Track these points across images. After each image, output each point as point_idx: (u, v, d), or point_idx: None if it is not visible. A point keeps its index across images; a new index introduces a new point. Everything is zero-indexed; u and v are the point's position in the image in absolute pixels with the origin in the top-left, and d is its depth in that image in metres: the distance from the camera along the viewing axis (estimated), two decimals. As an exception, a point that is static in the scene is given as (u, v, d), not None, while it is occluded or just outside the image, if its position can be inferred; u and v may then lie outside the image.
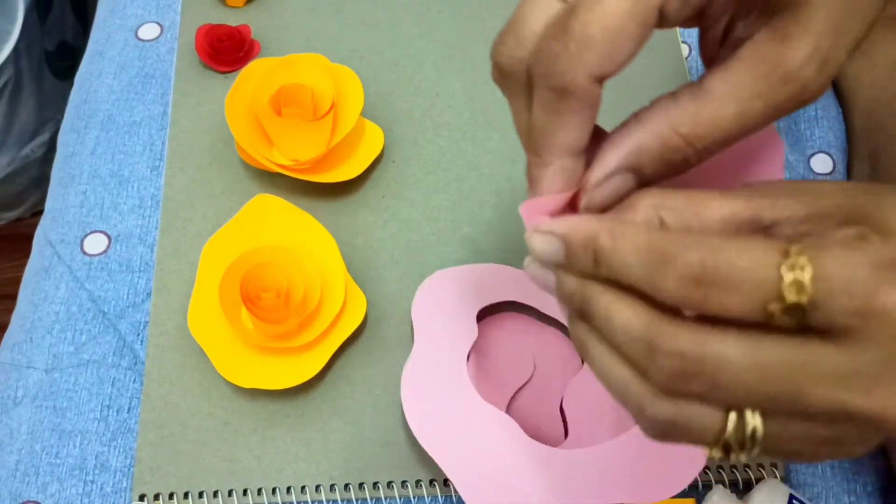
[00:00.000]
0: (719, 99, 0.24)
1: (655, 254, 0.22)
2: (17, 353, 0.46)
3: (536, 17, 0.25)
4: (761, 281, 0.21)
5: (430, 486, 0.42)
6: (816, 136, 0.53)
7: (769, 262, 0.21)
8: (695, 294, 0.22)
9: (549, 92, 0.25)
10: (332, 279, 0.44)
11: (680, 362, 0.22)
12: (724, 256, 0.21)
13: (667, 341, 0.22)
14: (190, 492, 0.42)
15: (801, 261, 0.21)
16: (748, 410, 0.22)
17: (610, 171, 0.25)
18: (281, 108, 0.46)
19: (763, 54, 0.24)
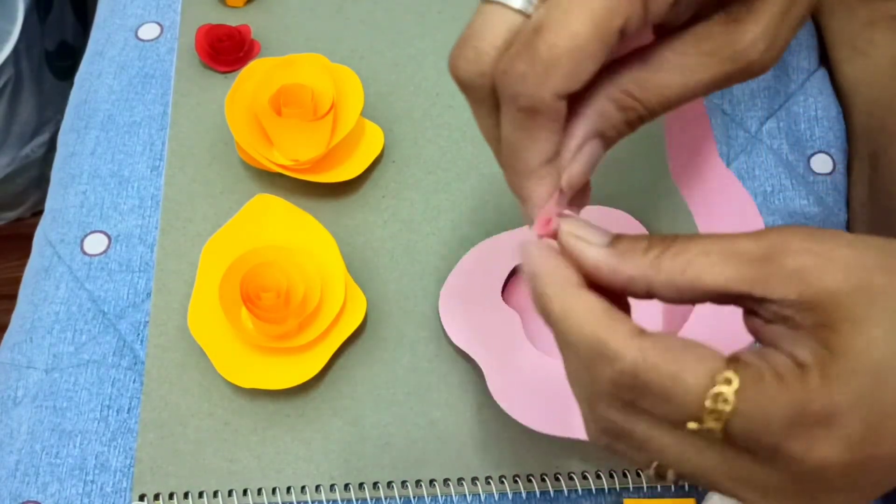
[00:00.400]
0: (666, 67, 0.26)
1: (596, 347, 0.24)
2: (17, 353, 0.46)
3: (493, 30, 0.26)
4: (686, 402, 0.22)
5: (429, 486, 0.42)
6: (816, 136, 0.53)
7: (696, 386, 0.22)
8: (626, 395, 0.24)
9: (519, 112, 0.26)
10: (332, 279, 0.44)
11: (612, 426, 0.25)
12: (656, 371, 0.23)
13: (602, 409, 0.25)
14: (190, 492, 0.42)
15: (728, 391, 0.22)
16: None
17: (580, 140, 0.27)
18: (281, 108, 0.46)
19: (713, 32, 0.26)
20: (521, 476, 0.42)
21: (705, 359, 0.23)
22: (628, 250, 0.25)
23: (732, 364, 0.23)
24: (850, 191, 0.52)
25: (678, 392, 0.22)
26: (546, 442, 0.43)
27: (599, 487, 0.42)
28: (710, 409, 0.22)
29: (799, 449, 0.22)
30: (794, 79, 0.55)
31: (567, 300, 0.25)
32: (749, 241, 0.24)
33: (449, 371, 0.45)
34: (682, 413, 0.23)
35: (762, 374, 0.22)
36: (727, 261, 0.24)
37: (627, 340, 0.23)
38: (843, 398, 0.22)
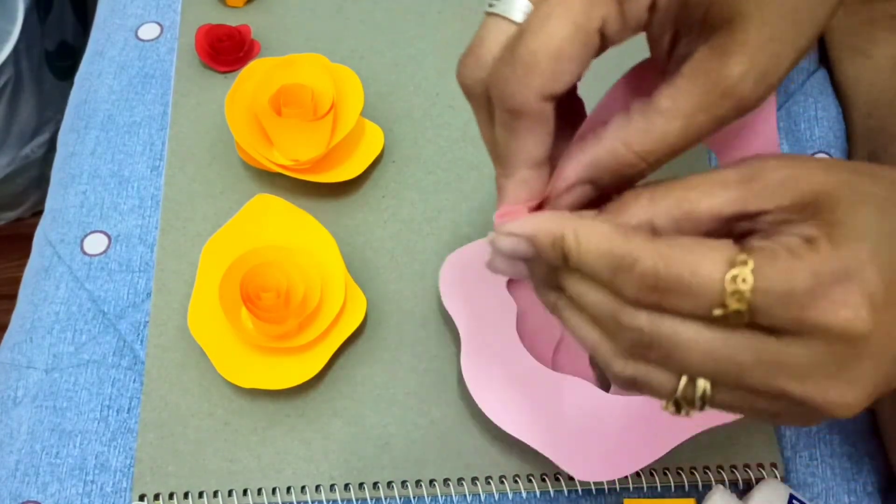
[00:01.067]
0: (666, 115, 0.26)
1: (615, 259, 0.25)
2: (17, 353, 0.46)
3: (493, 40, 0.28)
4: (707, 290, 0.23)
5: (430, 486, 0.42)
6: (816, 136, 0.53)
7: (715, 272, 0.23)
8: (650, 297, 0.24)
9: (505, 113, 0.27)
10: (332, 279, 0.44)
11: (639, 335, 0.25)
12: (675, 266, 0.24)
13: (628, 319, 0.25)
14: (190, 492, 0.42)
15: (744, 272, 0.23)
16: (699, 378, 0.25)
17: (569, 183, 0.28)
18: (281, 108, 0.46)
19: (703, 71, 0.26)
20: (521, 476, 0.42)
21: (719, 248, 0.24)
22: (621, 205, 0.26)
23: (745, 249, 0.23)
24: (851, 191, 0.52)
25: (699, 281, 0.23)
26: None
27: (599, 487, 0.42)
28: (731, 291, 0.23)
29: (824, 313, 0.23)
30: (794, 79, 0.55)
31: (578, 230, 0.25)
32: (730, 170, 0.25)
33: (449, 371, 0.45)
34: (707, 301, 0.23)
35: (775, 252, 0.23)
36: (716, 187, 0.25)
37: (644, 244, 0.24)
38: (856, 254, 0.23)
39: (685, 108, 0.26)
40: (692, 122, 0.26)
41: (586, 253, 0.25)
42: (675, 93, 0.26)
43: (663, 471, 0.43)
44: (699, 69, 0.26)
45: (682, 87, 0.26)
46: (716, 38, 0.26)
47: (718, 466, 0.43)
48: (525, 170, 0.28)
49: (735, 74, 0.25)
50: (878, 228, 0.23)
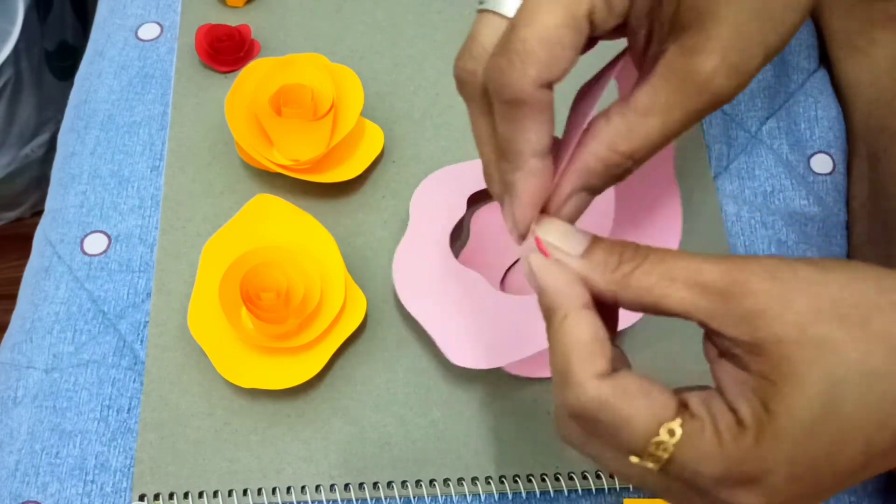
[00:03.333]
0: (644, 113, 0.27)
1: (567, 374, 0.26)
2: (17, 353, 0.46)
3: (486, 35, 0.28)
4: (631, 442, 0.25)
5: (429, 486, 0.42)
6: (816, 136, 0.53)
7: (642, 433, 0.25)
8: (581, 423, 0.26)
9: (504, 104, 0.27)
10: (332, 279, 0.44)
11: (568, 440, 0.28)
12: (611, 412, 0.25)
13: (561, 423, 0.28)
14: (190, 492, 0.42)
15: (668, 442, 0.25)
16: None
17: (566, 195, 0.29)
18: (281, 108, 0.46)
19: (675, 68, 0.26)
20: (521, 476, 0.42)
21: (656, 408, 0.25)
22: (600, 263, 0.27)
23: (681, 412, 0.25)
24: (850, 191, 0.52)
25: (626, 434, 0.25)
26: (546, 442, 0.43)
27: (599, 487, 0.42)
28: (650, 452, 0.25)
29: (725, 498, 0.25)
30: (794, 79, 0.55)
31: (564, 321, 0.26)
32: (713, 272, 0.25)
33: (449, 371, 0.45)
34: (627, 449, 0.25)
35: (703, 429, 0.25)
36: (690, 290, 0.25)
37: (593, 380, 0.25)
38: (773, 459, 0.24)
39: (662, 105, 0.27)
40: (670, 119, 0.27)
41: (554, 344, 0.27)
42: (651, 91, 0.27)
43: (663, 471, 0.43)
44: (671, 67, 0.26)
45: (657, 85, 0.27)
46: (685, 37, 0.26)
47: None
48: (532, 160, 0.28)
49: (707, 69, 0.26)
50: (817, 412, 0.23)
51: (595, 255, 0.27)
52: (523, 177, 0.28)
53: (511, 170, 0.28)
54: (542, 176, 0.28)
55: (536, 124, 0.27)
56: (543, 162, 0.28)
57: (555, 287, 0.27)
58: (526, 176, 0.28)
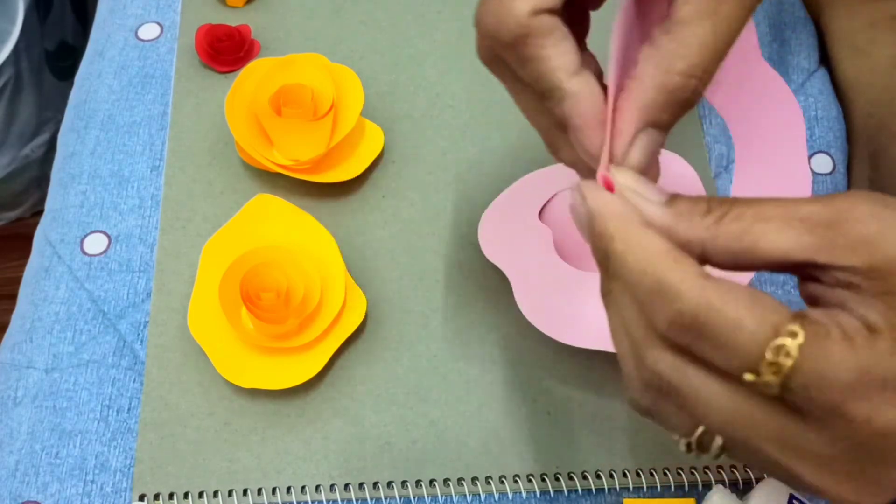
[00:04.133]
0: (689, 22, 0.25)
1: (657, 285, 0.23)
2: (17, 353, 0.46)
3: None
4: (745, 351, 0.22)
5: (430, 486, 0.42)
6: (816, 136, 0.53)
7: (759, 334, 0.21)
8: (681, 337, 0.23)
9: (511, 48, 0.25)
10: (332, 279, 0.44)
11: (658, 380, 0.24)
12: (718, 316, 0.22)
13: (651, 360, 0.24)
14: (190, 492, 0.42)
15: (791, 345, 0.21)
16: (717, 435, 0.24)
17: (630, 136, 0.26)
18: (281, 108, 0.46)
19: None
20: (521, 476, 0.42)
21: (772, 309, 0.22)
22: (686, 212, 0.24)
23: (799, 319, 0.22)
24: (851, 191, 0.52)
25: (739, 339, 0.21)
26: (546, 442, 0.43)
27: (599, 487, 0.42)
28: (770, 360, 0.21)
29: (861, 412, 0.21)
30: (794, 79, 0.55)
31: (630, 237, 0.24)
32: (813, 206, 0.23)
33: (449, 371, 0.45)
34: (741, 362, 0.22)
35: (829, 332, 0.21)
36: (788, 226, 0.23)
37: (692, 280, 0.22)
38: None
39: (707, 6, 0.24)
40: (720, 18, 0.24)
41: (630, 266, 0.23)
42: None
43: (663, 471, 0.43)
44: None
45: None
46: None
47: (718, 466, 0.43)
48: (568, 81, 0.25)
49: None
50: None
51: (679, 204, 0.24)
52: (570, 103, 0.26)
53: (556, 105, 0.26)
54: (588, 92, 0.26)
55: (552, 48, 0.25)
56: (581, 78, 0.26)
57: (609, 208, 0.24)
58: (572, 101, 0.26)
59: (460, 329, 0.46)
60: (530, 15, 0.25)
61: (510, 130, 0.51)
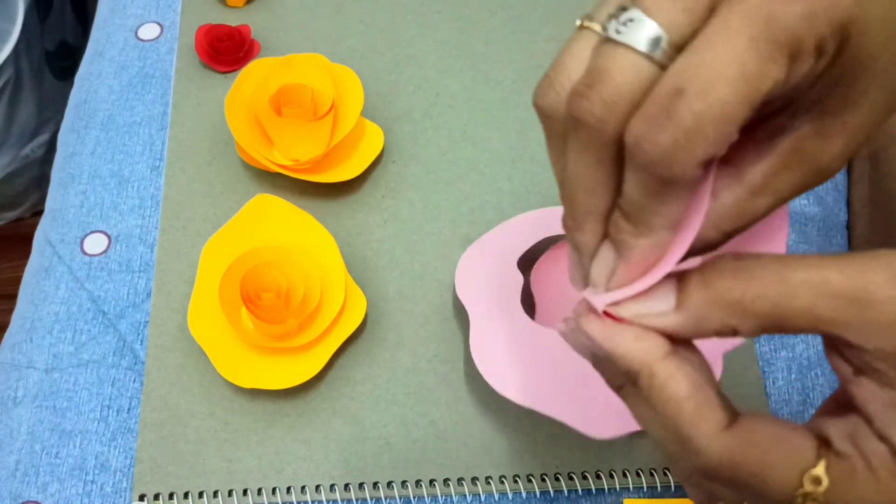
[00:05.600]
0: (756, 193, 0.25)
1: (680, 432, 0.23)
2: (17, 353, 0.46)
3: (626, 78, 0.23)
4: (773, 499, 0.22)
5: (430, 486, 0.42)
6: (816, 136, 0.53)
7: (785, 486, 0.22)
8: (703, 483, 0.23)
9: (654, 180, 0.24)
10: (332, 279, 0.44)
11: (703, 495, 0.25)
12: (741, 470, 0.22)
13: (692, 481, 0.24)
14: (190, 492, 0.42)
15: (818, 492, 0.22)
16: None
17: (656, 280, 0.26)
18: (281, 108, 0.46)
19: (805, 151, 0.24)
20: (521, 476, 0.42)
21: (794, 453, 0.22)
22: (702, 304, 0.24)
23: (823, 453, 0.22)
24: (851, 191, 0.52)
25: (765, 490, 0.22)
26: (546, 442, 0.43)
27: (599, 487, 0.42)
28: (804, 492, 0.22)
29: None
30: (795, 79, 0.55)
31: (653, 379, 0.23)
32: (840, 274, 0.22)
33: (449, 371, 0.45)
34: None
35: (854, 469, 0.22)
36: (815, 295, 0.22)
37: (712, 437, 0.22)
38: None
39: (777, 185, 0.25)
40: (780, 197, 0.25)
41: (655, 405, 0.23)
42: (770, 171, 0.25)
43: (663, 471, 0.43)
44: (801, 149, 0.24)
45: (778, 163, 0.25)
46: (825, 119, 0.24)
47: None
48: (664, 232, 0.24)
49: (833, 155, 0.24)
50: None
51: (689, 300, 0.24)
52: (648, 246, 0.25)
53: (634, 234, 0.25)
54: (663, 248, 0.25)
55: (682, 200, 0.24)
56: (671, 235, 0.25)
57: (626, 346, 0.24)
58: (651, 246, 0.25)
59: (460, 329, 0.46)
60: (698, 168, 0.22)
61: (510, 130, 0.51)
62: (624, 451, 0.43)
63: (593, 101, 0.23)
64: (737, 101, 0.22)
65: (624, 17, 0.23)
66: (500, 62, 0.54)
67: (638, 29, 0.23)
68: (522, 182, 0.50)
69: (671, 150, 0.22)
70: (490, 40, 0.54)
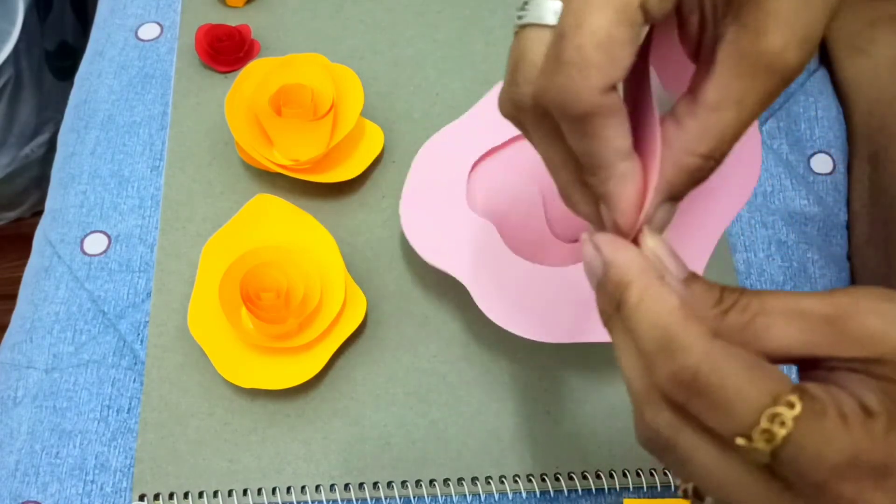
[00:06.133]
0: (716, 108, 0.25)
1: (663, 339, 0.23)
2: (17, 353, 0.46)
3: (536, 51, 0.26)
4: (740, 413, 0.22)
5: (429, 486, 0.42)
6: (816, 136, 0.53)
7: (756, 400, 0.22)
8: (679, 394, 0.23)
9: (575, 121, 0.25)
10: (332, 279, 0.44)
11: (655, 435, 0.24)
12: (719, 376, 0.22)
13: (650, 415, 0.24)
14: (190, 492, 0.42)
15: (786, 415, 0.21)
16: None
17: (651, 212, 0.26)
18: (281, 108, 0.46)
19: (741, 51, 0.25)
20: (521, 476, 0.42)
21: (774, 378, 0.22)
22: (699, 295, 0.25)
23: (798, 391, 0.22)
24: (851, 191, 0.52)
25: (736, 402, 0.22)
26: (546, 442, 0.43)
27: (599, 487, 0.42)
28: (764, 427, 0.21)
29: (847, 493, 0.21)
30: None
31: (647, 288, 0.24)
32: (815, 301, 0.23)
33: (449, 371, 0.45)
34: (734, 425, 0.22)
35: (826, 408, 0.22)
36: (790, 323, 0.23)
37: (698, 339, 0.23)
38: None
39: (734, 95, 0.25)
40: (744, 107, 0.25)
41: (640, 316, 0.24)
42: (720, 82, 0.25)
43: (663, 471, 0.43)
44: (737, 51, 0.25)
45: (724, 74, 0.25)
46: (745, 15, 0.24)
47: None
48: (621, 164, 0.26)
49: (777, 47, 0.24)
50: None
51: (695, 286, 0.25)
52: (617, 183, 0.26)
53: (601, 181, 0.26)
54: (635, 176, 0.26)
55: (614, 129, 0.25)
56: (632, 162, 0.26)
57: (627, 259, 0.25)
58: (619, 181, 0.26)
59: (460, 329, 0.46)
60: (602, 92, 0.24)
61: (510, 130, 0.51)
62: (624, 451, 0.43)
63: (519, 84, 0.26)
64: (610, 23, 0.23)
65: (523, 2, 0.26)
66: (500, 62, 0.54)
67: (535, 6, 0.25)
68: (522, 182, 0.50)
69: (569, 86, 0.24)
70: (490, 40, 0.54)
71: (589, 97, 0.24)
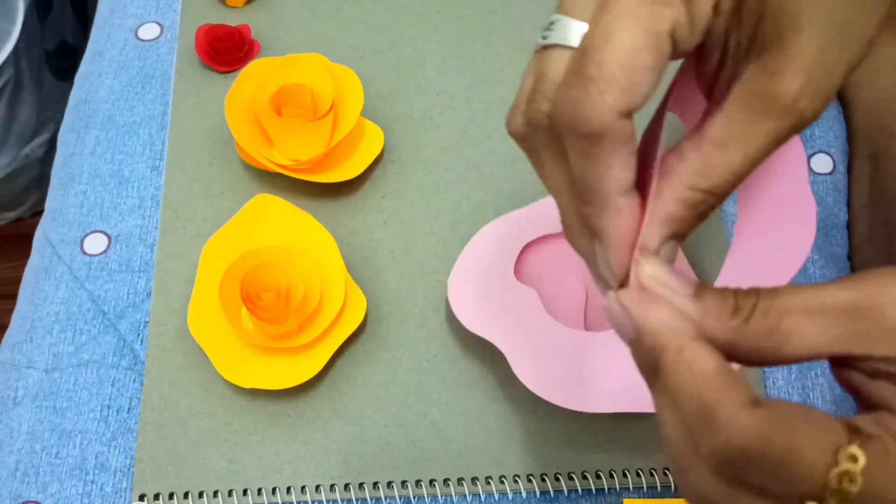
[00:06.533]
0: (720, 145, 0.24)
1: (702, 413, 0.22)
2: (17, 353, 0.46)
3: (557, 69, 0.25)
4: (805, 481, 0.21)
5: (429, 486, 0.42)
6: (816, 136, 0.53)
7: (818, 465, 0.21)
8: (727, 469, 0.22)
9: (581, 139, 0.24)
10: (332, 279, 0.44)
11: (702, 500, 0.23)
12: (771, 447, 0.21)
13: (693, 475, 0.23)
14: (190, 492, 0.42)
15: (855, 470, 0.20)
16: None
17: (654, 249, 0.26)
18: (281, 108, 0.46)
19: (756, 91, 0.24)
20: (521, 476, 0.42)
21: (827, 432, 0.21)
22: (713, 307, 0.24)
23: (855, 436, 0.21)
24: (851, 190, 0.52)
25: (798, 470, 0.21)
26: (546, 442, 0.43)
27: (599, 487, 0.42)
28: (834, 488, 0.20)
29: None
30: (795, 79, 0.55)
31: (681, 352, 0.23)
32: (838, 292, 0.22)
33: (449, 371, 0.45)
34: (801, 490, 0.21)
35: (887, 448, 0.21)
36: (814, 320, 0.22)
37: (740, 410, 0.21)
38: None
39: (740, 133, 0.24)
40: (751, 147, 0.24)
41: (677, 385, 0.22)
42: (727, 119, 0.24)
43: (663, 471, 0.43)
44: (751, 90, 0.24)
45: (733, 111, 0.24)
46: (766, 56, 0.24)
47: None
48: (619, 198, 0.25)
49: (792, 91, 0.23)
50: None
51: (706, 298, 0.24)
52: (611, 218, 0.25)
53: (596, 213, 0.25)
54: (632, 214, 0.25)
55: (619, 158, 0.24)
56: (630, 199, 0.25)
57: (658, 321, 0.23)
58: (614, 216, 0.25)
59: (460, 329, 0.46)
60: (616, 116, 0.23)
61: (510, 130, 0.51)
62: (624, 451, 0.43)
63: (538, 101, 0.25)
64: (637, 46, 0.23)
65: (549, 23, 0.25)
66: (500, 62, 0.54)
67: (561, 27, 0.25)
68: (522, 182, 0.50)
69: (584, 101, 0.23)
70: (490, 40, 0.54)
71: (602, 116, 0.23)
